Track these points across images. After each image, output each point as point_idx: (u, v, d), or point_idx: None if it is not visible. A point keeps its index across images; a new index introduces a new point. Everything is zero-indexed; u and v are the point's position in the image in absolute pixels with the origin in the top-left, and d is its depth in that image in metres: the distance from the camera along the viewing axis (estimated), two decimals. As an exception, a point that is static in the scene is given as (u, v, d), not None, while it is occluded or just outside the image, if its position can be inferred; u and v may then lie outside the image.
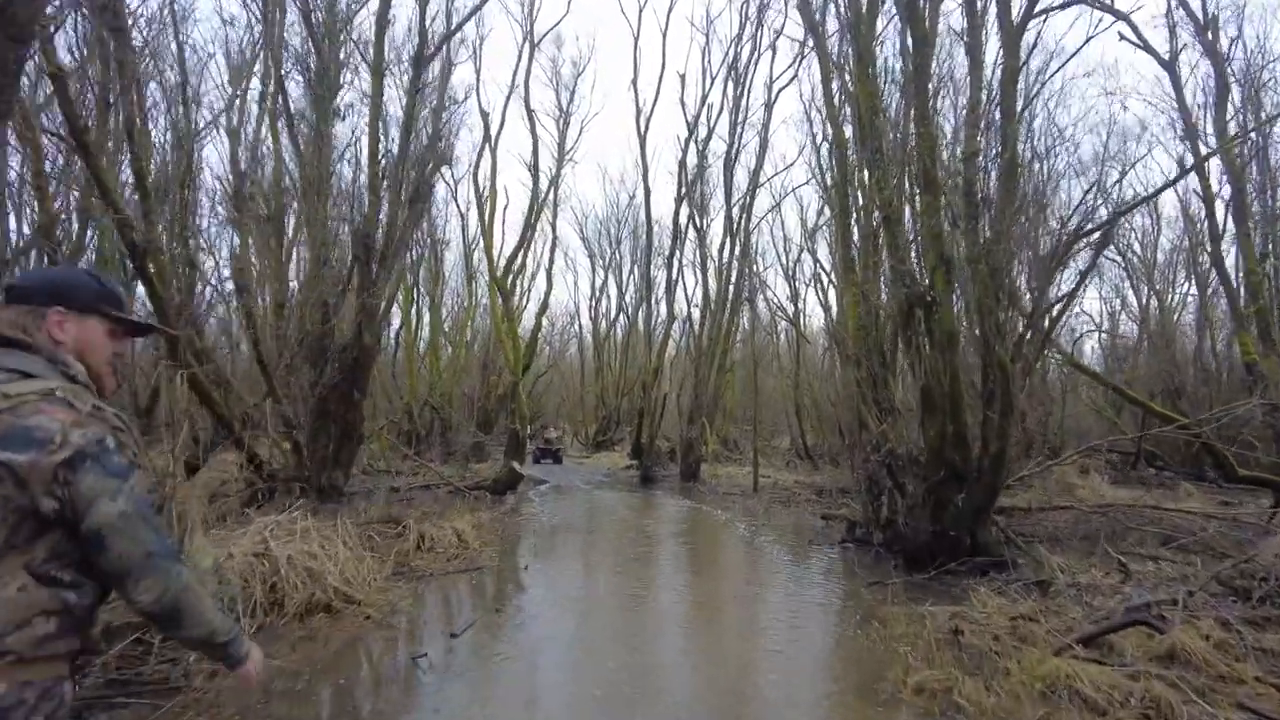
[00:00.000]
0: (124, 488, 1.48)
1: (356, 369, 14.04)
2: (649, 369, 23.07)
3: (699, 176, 22.67)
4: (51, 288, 1.60)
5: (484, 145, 21.43)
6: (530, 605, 6.55)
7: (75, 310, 1.61)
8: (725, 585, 7.93)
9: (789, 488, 18.95)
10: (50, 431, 1.42)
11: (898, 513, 9.15)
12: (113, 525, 1.45)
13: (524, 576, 7.73)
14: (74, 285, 1.64)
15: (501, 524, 11.29)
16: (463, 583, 7.34)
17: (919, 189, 8.95)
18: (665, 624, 6.28)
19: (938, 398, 8.34)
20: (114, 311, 1.68)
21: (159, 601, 1.51)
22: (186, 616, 1.56)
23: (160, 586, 1.50)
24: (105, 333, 1.66)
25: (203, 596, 1.61)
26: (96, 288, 1.67)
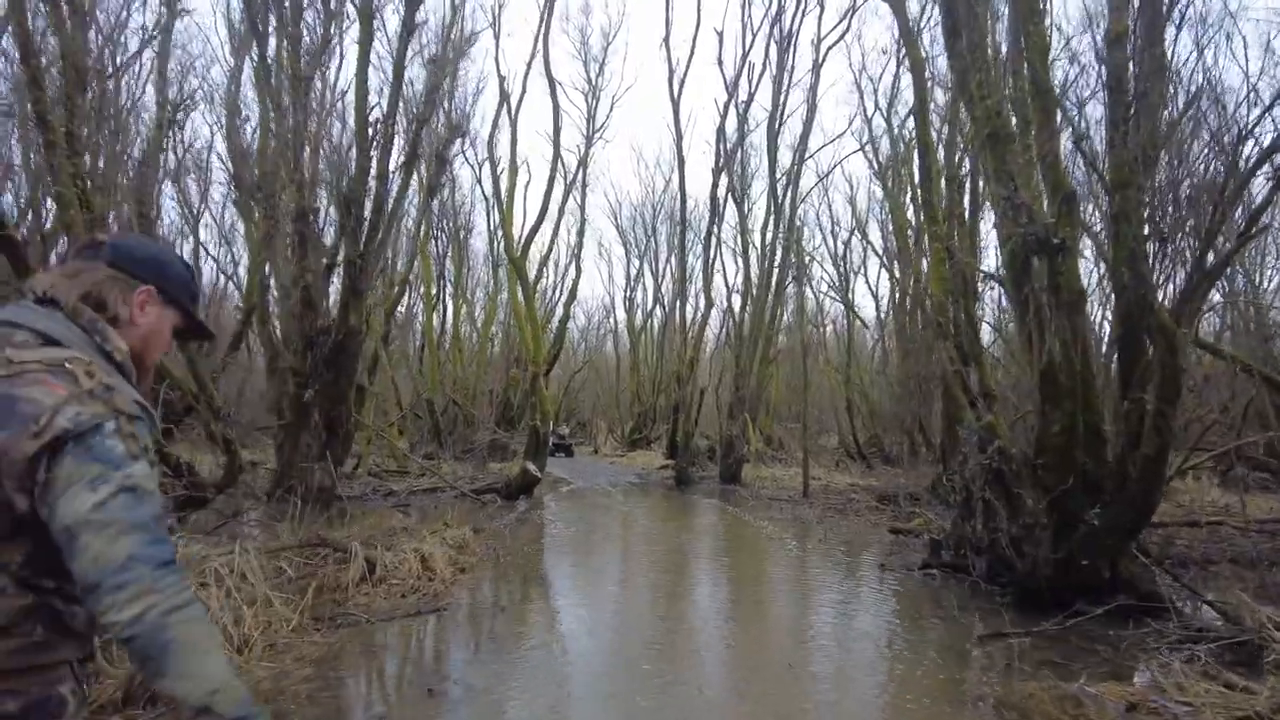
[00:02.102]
0: (112, 476, 1.14)
1: (342, 355, 12.19)
2: (684, 359, 20.91)
3: (739, 144, 20.44)
4: (155, 264, 1.41)
5: (501, 110, 19.48)
6: (487, 680, 4.49)
7: (164, 295, 1.42)
8: (780, 645, 5.80)
9: (843, 491, 16.68)
10: (38, 408, 1.13)
11: (999, 530, 6.92)
12: (87, 520, 1.11)
13: (495, 624, 5.69)
14: (174, 270, 1.45)
15: (499, 539, 9.29)
16: (407, 634, 5.32)
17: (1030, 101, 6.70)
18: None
19: (1064, 379, 6.10)
20: (193, 309, 1.50)
21: (139, 622, 1.10)
22: (178, 656, 1.11)
23: (144, 602, 1.11)
24: (173, 327, 1.46)
25: (212, 637, 1.19)
26: (189, 279, 1.49)
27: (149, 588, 1.12)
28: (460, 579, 6.89)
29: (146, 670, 1.14)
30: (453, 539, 7.95)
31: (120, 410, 1.20)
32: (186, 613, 1.15)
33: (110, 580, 1.11)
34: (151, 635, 1.12)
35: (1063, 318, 6.12)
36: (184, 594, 1.16)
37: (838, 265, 30.19)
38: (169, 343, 1.48)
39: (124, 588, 1.11)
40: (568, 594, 6.82)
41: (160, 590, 1.13)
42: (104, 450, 1.16)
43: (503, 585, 6.99)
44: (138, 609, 1.11)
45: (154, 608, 1.12)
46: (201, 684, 1.14)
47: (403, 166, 13.62)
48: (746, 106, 19.95)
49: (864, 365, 31.27)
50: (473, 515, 11.55)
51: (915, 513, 12.14)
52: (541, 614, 6.04)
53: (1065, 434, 6.14)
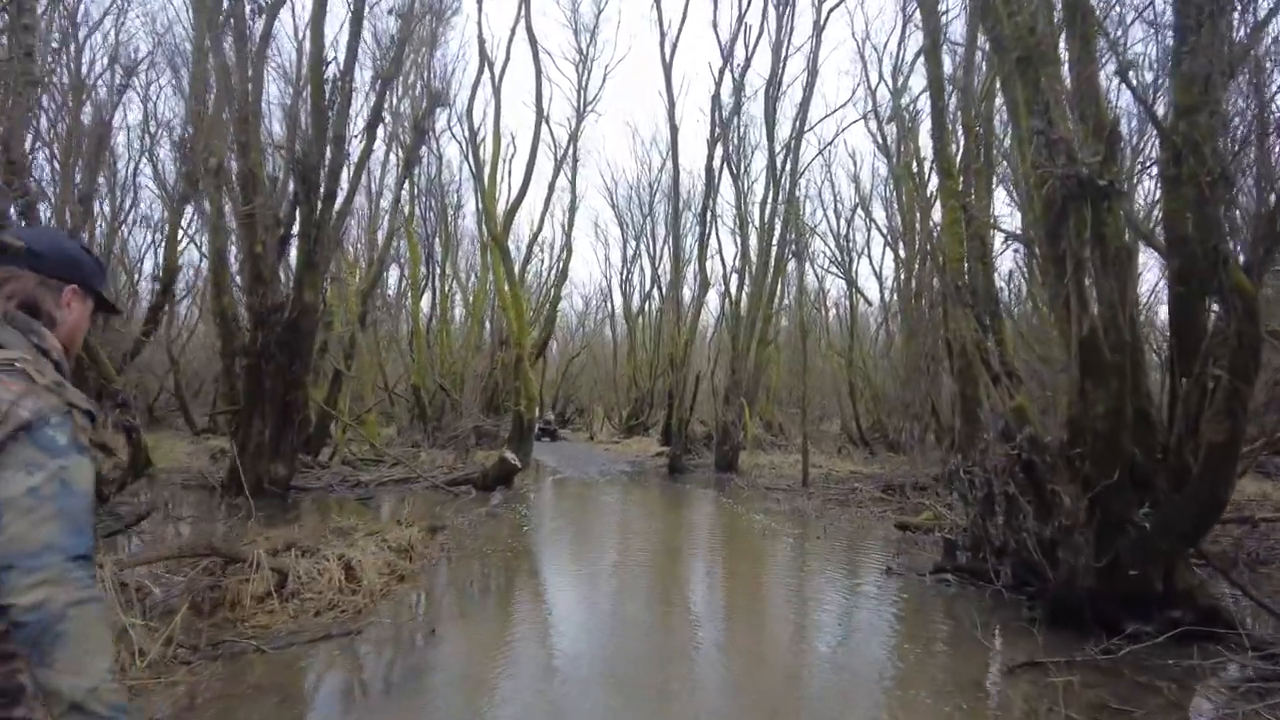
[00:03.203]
0: (48, 464, 1.20)
1: (295, 334, 11.15)
2: (678, 341, 19.84)
3: (735, 112, 19.26)
4: (69, 261, 1.47)
5: (481, 76, 18.30)
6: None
7: (84, 289, 1.49)
8: (765, 683, 4.78)
9: (844, 480, 15.66)
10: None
11: (1025, 531, 5.88)
12: (14, 501, 1.16)
13: (415, 655, 4.66)
14: (86, 263, 1.51)
15: (458, 538, 8.28)
16: (297, 667, 4.29)
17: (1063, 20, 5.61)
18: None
19: (1110, 352, 5.05)
20: (108, 299, 1.57)
21: (39, 609, 1.13)
22: (67, 650, 1.13)
23: (49, 589, 1.14)
24: (91, 313, 1.53)
25: (104, 637, 1.20)
26: (97, 266, 1.54)
27: (58, 577, 1.15)
28: (394, 591, 5.87)
29: (31, 657, 1.14)
30: (396, 541, 6.93)
31: (73, 404, 1.29)
32: (87, 609, 1.17)
33: (22, 563, 1.14)
34: (48, 624, 1.13)
35: (1109, 276, 5.07)
36: (89, 590, 1.19)
37: (840, 244, 29.03)
38: (88, 327, 1.54)
39: (32, 572, 1.14)
40: (519, 611, 5.79)
41: (68, 583, 1.16)
42: (47, 439, 1.22)
43: (442, 599, 5.97)
44: (40, 596, 1.13)
45: (56, 599, 1.14)
46: (82, 681, 1.14)
47: (365, 130, 12.54)
48: (743, 72, 18.75)
49: (867, 349, 30.16)
50: (440, 509, 10.55)
51: (924, 505, 11.11)
52: (479, 639, 5.01)
53: (1111, 417, 5.09)
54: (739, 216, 20.29)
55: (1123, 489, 5.16)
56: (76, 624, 1.14)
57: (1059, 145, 4.96)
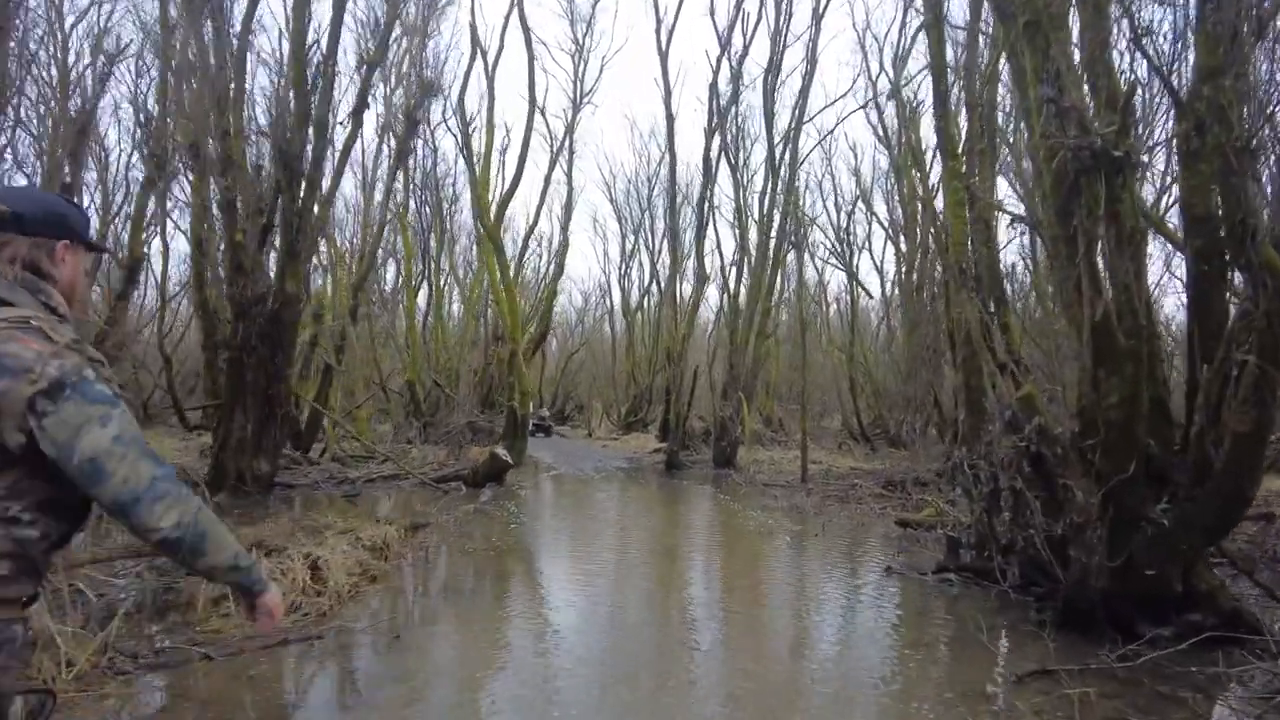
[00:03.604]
0: (114, 414, 1.37)
1: (277, 326, 10.81)
2: (675, 335, 19.50)
3: (733, 100, 18.88)
4: (54, 218, 1.50)
5: (473, 64, 17.94)
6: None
7: (74, 242, 1.53)
8: (760, 692, 4.45)
9: (844, 476, 15.33)
10: (26, 360, 1.31)
11: (1031, 527, 5.53)
12: (110, 451, 1.33)
13: (376, 663, 4.33)
14: (71, 215, 1.54)
15: (441, 536, 7.96)
16: (242, 678, 3.95)
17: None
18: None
19: (1125, 336, 4.71)
20: (96, 242, 1.67)
21: (181, 525, 1.40)
22: (212, 541, 1.45)
23: (179, 508, 1.40)
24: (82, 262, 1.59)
25: (222, 523, 1.52)
26: (83, 218, 1.58)
27: (178, 497, 1.40)
28: (363, 592, 5.54)
29: (188, 559, 1.45)
30: (371, 539, 6.60)
31: (95, 359, 1.42)
32: (205, 510, 1.46)
33: (148, 495, 1.35)
34: (192, 531, 1.41)
35: (1123, 256, 4.72)
36: (196, 498, 1.45)
37: (841, 237, 28.67)
38: (85, 279, 1.59)
39: (160, 500, 1.37)
40: (494, 617, 5.43)
41: (186, 499, 1.41)
42: (98, 393, 1.36)
43: (413, 601, 5.63)
44: (176, 516, 1.39)
45: (187, 512, 1.41)
46: (229, 555, 1.49)
47: (351, 115, 12.20)
48: (741, 60, 18.39)
49: (868, 344, 29.81)
50: (427, 506, 10.23)
51: (925, 501, 10.77)
52: (446, 648, 4.67)
53: (1125, 407, 4.74)
54: (737, 208, 19.96)
55: (1138, 483, 4.82)
56: (208, 524, 1.43)
57: (1070, 113, 4.61)
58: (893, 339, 28.74)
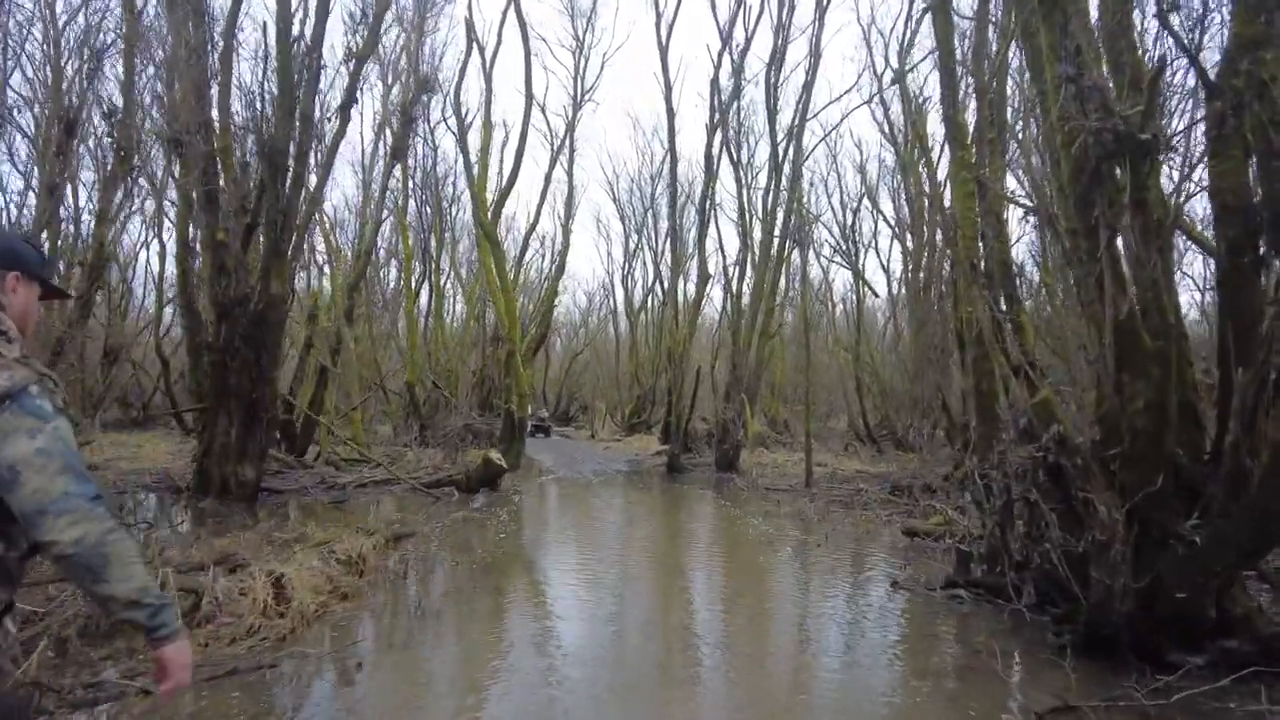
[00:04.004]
0: (45, 428, 1.42)
1: (261, 328, 10.47)
2: (676, 335, 19.11)
3: (735, 96, 18.48)
4: (12, 254, 1.62)
5: (469, 56, 17.56)
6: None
7: (27, 275, 1.63)
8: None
9: (850, 480, 14.93)
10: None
11: (1048, 543, 5.13)
12: (29, 461, 1.39)
13: (329, 702, 3.95)
14: (26, 252, 1.65)
15: (425, 547, 7.61)
16: (182, 718, 3.59)
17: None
18: None
19: (1151, 337, 4.31)
20: (51, 280, 1.74)
21: (81, 542, 1.40)
22: (114, 566, 1.43)
23: (84, 526, 1.41)
24: (38, 296, 1.69)
25: (134, 548, 1.50)
26: (39, 258, 1.69)
27: (87, 515, 1.41)
28: (331, 612, 5.18)
29: (85, 579, 1.43)
30: (346, 552, 6.24)
31: (42, 374, 1.48)
32: (117, 534, 1.45)
33: (54, 508, 1.38)
34: (93, 551, 1.40)
35: (1150, 249, 4.32)
36: (112, 520, 1.46)
37: (846, 235, 28.23)
38: (37, 310, 1.69)
39: (65, 514, 1.39)
40: (471, 641, 5.04)
41: (96, 517, 1.42)
42: (36, 406, 1.43)
43: (385, 623, 5.25)
44: (78, 532, 1.39)
45: (92, 531, 1.41)
46: (132, 584, 1.46)
47: (339, 110, 11.87)
48: (743, 54, 17.97)
49: (874, 345, 29.37)
50: (415, 513, 9.89)
51: (932, 508, 10.37)
52: (412, 681, 4.28)
53: (1152, 413, 4.34)
54: (740, 206, 19.56)
55: (1166, 497, 4.42)
56: (115, 546, 1.43)
57: (1092, 93, 4.22)
58: (899, 339, 28.32)
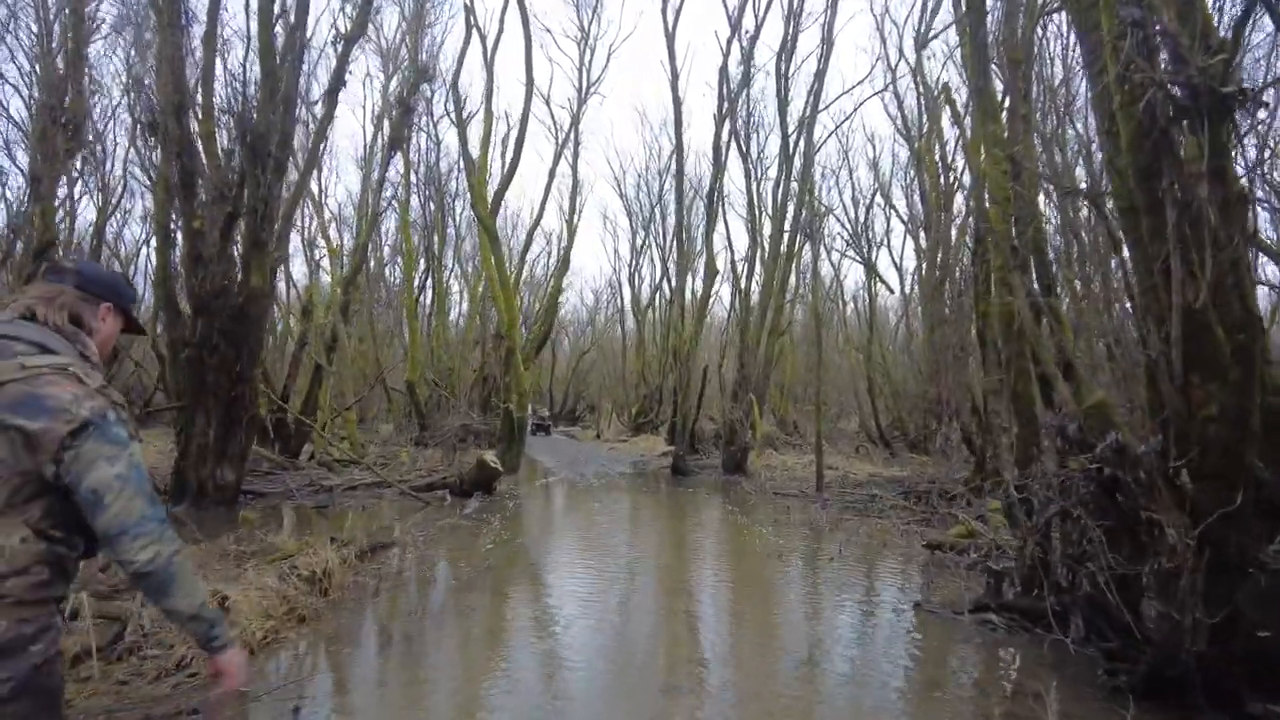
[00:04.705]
0: (123, 454, 1.58)
1: (241, 323, 9.90)
2: (682, 332, 18.48)
3: (744, 85, 17.81)
4: (111, 287, 1.81)
5: (468, 43, 16.96)
6: None
7: (118, 309, 1.81)
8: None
9: (863, 484, 14.30)
10: (62, 402, 1.53)
11: (1089, 560, 4.48)
12: (110, 485, 1.54)
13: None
14: (123, 288, 1.84)
15: (403, 559, 7.01)
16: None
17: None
18: None
19: (1229, 330, 3.67)
20: (134, 315, 1.89)
21: (153, 562, 1.58)
22: (179, 584, 1.63)
23: (156, 547, 1.59)
24: (120, 330, 1.87)
25: (194, 572, 1.69)
26: (130, 293, 1.87)
27: (159, 537, 1.59)
28: (281, 640, 4.57)
29: (155, 595, 1.64)
30: (310, 566, 5.65)
31: (117, 403, 1.62)
32: (182, 556, 1.64)
33: (132, 530, 1.56)
34: (163, 571, 1.59)
35: (1230, 226, 3.67)
36: (179, 542, 1.65)
37: (859, 232, 27.54)
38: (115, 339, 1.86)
39: (141, 536, 1.57)
40: (435, 678, 4.45)
41: (167, 540, 1.61)
42: (115, 434, 1.58)
43: (340, 654, 4.62)
44: (151, 553, 1.58)
45: (164, 552, 1.60)
46: (193, 601, 1.66)
47: (326, 95, 11.29)
48: (753, 41, 17.31)
49: (886, 344, 28.67)
50: (401, 520, 9.30)
51: (953, 517, 9.71)
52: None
53: (1229, 421, 3.69)
54: (749, 199, 18.92)
55: (1245, 518, 3.77)
56: (180, 568, 1.61)
57: (1164, 40, 3.57)
58: (912, 338, 27.64)
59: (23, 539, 1.50)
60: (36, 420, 1.48)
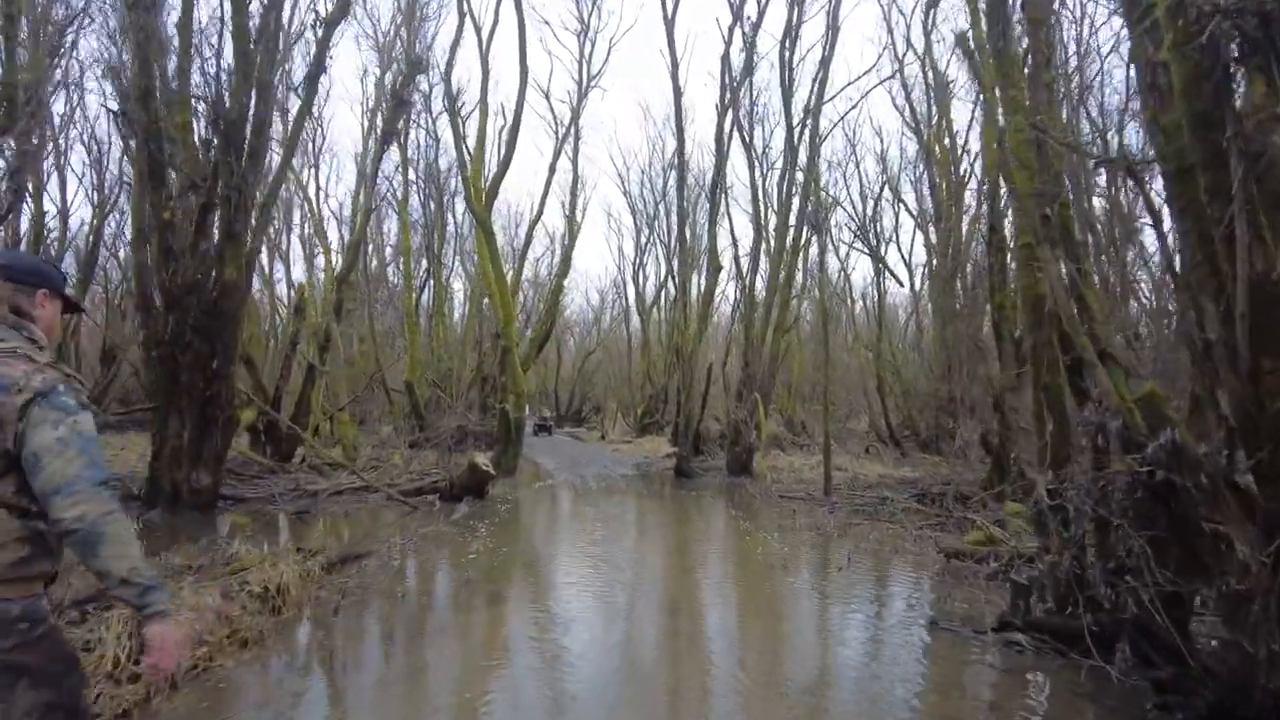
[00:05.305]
0: (65, 420, 1.63)
1: (216, 318, 9.39)
2: (684, 330, 17.92)
3: (747, 73, 17.23)
4: (39, 273, 1.87)
5: (460, 31, 16.47)
6: None
7: (53, 292, 1.86)
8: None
9: (873, 485, 13.70)
10: (14, 378, 1.62)
11: (1126, 572, 3.90)
12: (50, 448, 1.59)
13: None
14: (50, 272, 1.91)
15: (373, 572, 6.47)
16: None
17: None
18: None
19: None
20: (71, 296, 1.96)
21: (81, 520, 1.58)
22: (109, 544, 1.61)
23: (85, 505, 1.59)
24: (60, 312, 1.93)
25: (130, 531, 1.67)
26: (59, 275, 1.94)
27: (89, 496, 1.59)
28: (213, 671, 4.03)
29: (83, 554, 1.61)
30: (263, 581, 5.11)
31: (69, 375, 1.71)
32: (115, 516, 1.62)
33: (64, 489, 1.57)
34: (90, 529, 1.58)
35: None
36: (114, 504, 1.64)
37: (866, 227, 26.90)
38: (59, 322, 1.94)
39: (70, 495, 1.57)
40: (385, 716, 3.91)
41: (98, 500, 1.60)
42: (61, 402, 1.64)
43: (279, 690, 4.07)
44: (79, 511, 1.57)
45: (92, 511, 1.58)
46: (124, 563, 1.62)
47: (306, 81, 10.79)
48: (755, 28, 16.73)
49: (895, 342, 28.02)
50: (386, 525, 8.78)
51: (969, 521, 9.11)
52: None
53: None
54: (753, 191, 18.33)
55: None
56: (112, 527, 1.60)
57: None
58: (922, 335, 27.00)
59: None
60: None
